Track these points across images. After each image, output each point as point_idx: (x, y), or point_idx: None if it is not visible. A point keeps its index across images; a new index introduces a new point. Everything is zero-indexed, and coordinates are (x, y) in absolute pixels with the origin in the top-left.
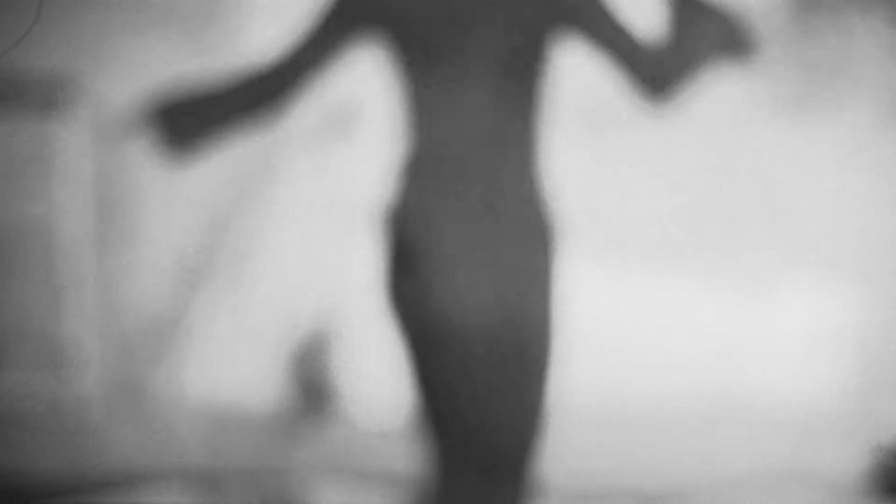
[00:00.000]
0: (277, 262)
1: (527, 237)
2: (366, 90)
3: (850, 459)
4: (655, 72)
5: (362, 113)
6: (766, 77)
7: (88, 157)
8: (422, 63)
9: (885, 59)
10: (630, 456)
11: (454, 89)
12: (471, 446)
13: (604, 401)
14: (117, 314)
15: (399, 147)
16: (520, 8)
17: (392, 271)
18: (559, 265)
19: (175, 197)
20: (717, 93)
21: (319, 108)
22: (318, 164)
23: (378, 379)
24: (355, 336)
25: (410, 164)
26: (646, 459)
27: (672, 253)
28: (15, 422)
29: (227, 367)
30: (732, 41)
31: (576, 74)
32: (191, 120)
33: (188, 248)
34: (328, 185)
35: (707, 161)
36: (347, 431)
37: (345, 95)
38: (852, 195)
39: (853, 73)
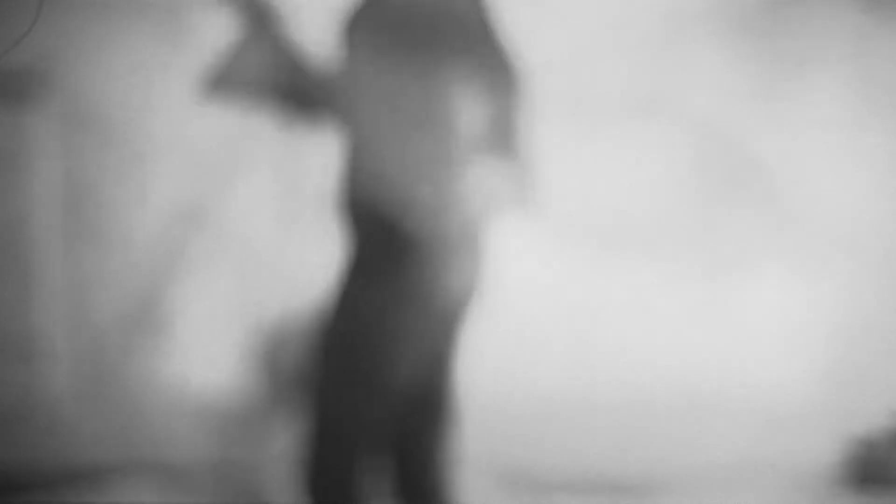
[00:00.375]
0: (249, 254)
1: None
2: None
3: (824, 450)
4: None
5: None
6: (741, 69)
7: (59, 150)
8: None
9: (856, 48)
10: (602, 446)
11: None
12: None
13: (576, 391)
14: (88, 307)
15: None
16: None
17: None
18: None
19: (146, 189)
20: (693, 85)
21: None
22: (291, 153)
23: None
24: None
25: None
26: (617, 450)
27: (645, 242)
28: None
29: (199, 361)
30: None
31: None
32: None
33: (159, 241)
34: (300, 173)
35: (681, 153)
36: None
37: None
38: (826, 186)
39: (826, 63)
